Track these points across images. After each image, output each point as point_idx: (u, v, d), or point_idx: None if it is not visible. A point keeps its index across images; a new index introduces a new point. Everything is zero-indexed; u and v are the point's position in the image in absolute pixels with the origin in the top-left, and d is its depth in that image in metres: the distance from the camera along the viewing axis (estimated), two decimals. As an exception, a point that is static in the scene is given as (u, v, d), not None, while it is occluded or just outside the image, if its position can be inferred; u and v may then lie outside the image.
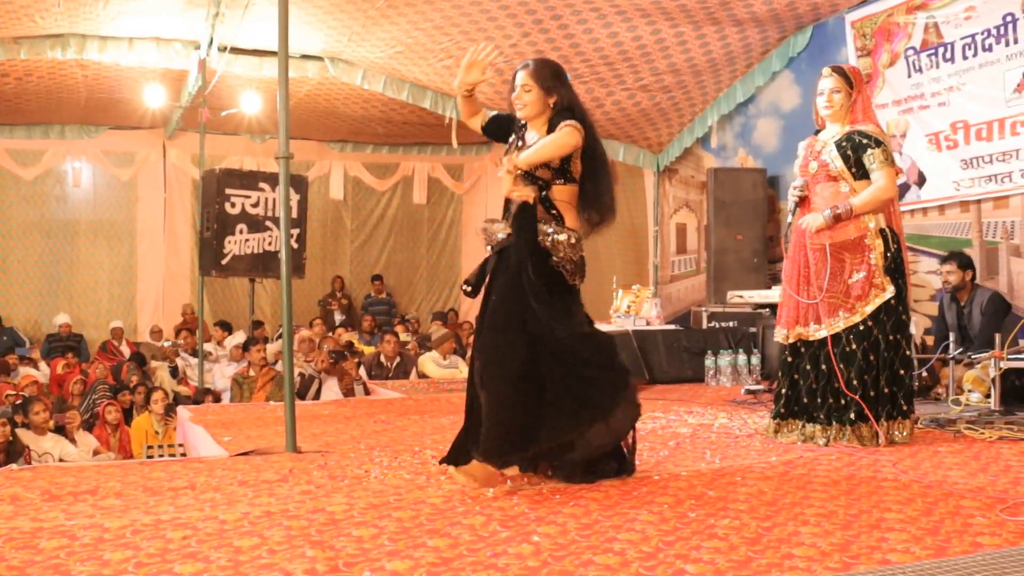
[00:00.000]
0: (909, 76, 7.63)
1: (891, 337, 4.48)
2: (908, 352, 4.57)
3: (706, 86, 9.71)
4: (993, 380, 5.48)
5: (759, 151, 9.70)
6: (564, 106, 3.81)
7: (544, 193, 3.75)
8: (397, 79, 10.05)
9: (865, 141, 4.48)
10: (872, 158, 4.46)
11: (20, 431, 7.31)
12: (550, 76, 3.85)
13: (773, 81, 9.29)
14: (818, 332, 4.58)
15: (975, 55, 7.08)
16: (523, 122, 3.94)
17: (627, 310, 8.59)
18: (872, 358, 4.47)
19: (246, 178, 9.96)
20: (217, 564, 2.60)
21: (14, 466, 6.35)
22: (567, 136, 3.68)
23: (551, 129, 3.76)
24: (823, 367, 4.56)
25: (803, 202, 4.73)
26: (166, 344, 12.13)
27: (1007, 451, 4.29)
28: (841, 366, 4.49)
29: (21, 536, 2.93)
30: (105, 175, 13.20)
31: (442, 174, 14.61)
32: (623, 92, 9.80)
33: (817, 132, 4.77)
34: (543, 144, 3.70)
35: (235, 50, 9.28)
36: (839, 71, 4.65)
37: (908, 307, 4.59)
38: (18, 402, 7.90)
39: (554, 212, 3.75)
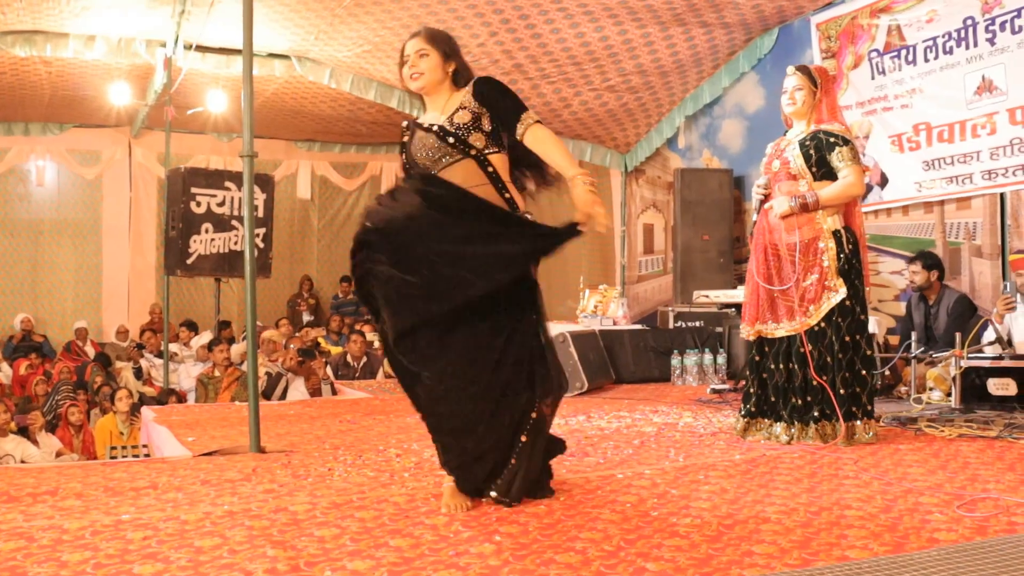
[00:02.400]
0: (872, 78, 7.71)
1: (847, 338, 4.51)
2: (869, 352, 4.61)
3: (673, 87, 9.76)
4: (953, 379, 5.54)
5: (724, 152, 9.76)
6: (465, 75, 3.41)
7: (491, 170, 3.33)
8: (364, 78, 10.01)
9: (832, 140, 4.52)
10: (840, 156, 4.50)
11: (-19, 432, 7.23)
12: (445, 40, 3.42)
13: (739, 82, 9.35)
14: (777, 331, 4.62)
15: (936, 58, 7.16)
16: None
17: (594, 310, 8.61)
18: (828, 359, 4.50)
19: (212, 177, 9.89)
20: (177, 564, 2.58)
21: (-26, 467, 6.28)
22: None
23: (482, 98, 3.32)
24: (786, 366, 4.60)
25: (766, 200, 4.77)
26: (132, 345, 12.03)
27: (966, 448, 4.34)
28: (796, 366, 4.54)
29: (-23, 538, 2.90)
30: (70, 174, 13.05)
31: (406, 175, 14.58)
32: (590, 92, 9.83)
33: (786, 132, 4.81)
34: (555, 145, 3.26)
35: (201, 48, 9.20)
36: (803, 70, 4.69)
37: (866, 307, 4.62)
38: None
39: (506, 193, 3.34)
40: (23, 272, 12.94)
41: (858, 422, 4.52)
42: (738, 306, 7.16)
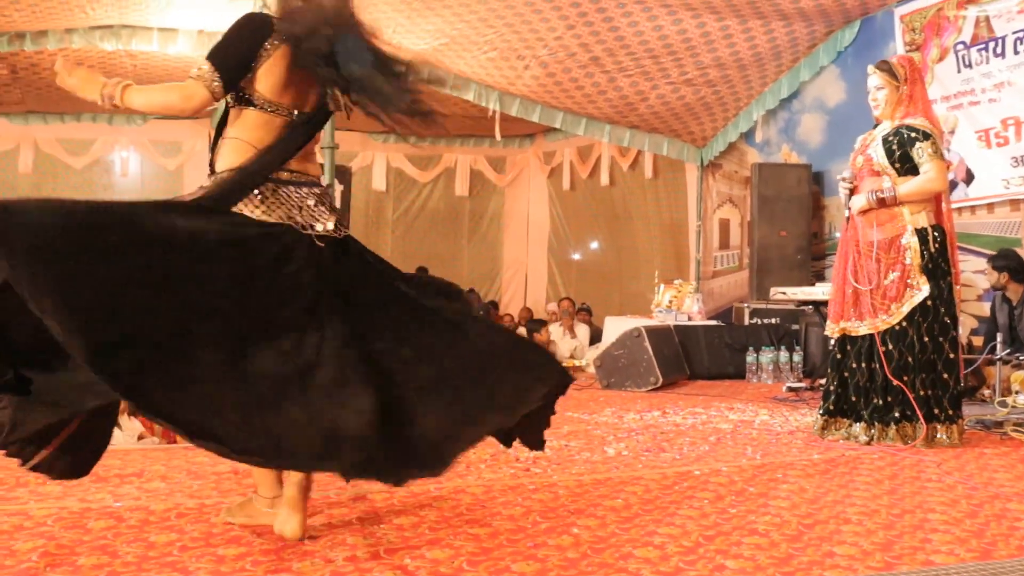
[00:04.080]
0: (959, 71, 7.52)
1: (926, 338, 4.41)
2: (952, 355, 4.49)
3: (751, 80, 9.63)
4: (1041, 381, 5.40)
5: (803, 147, 9.61)
6: None
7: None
8: (441, 71, 10.06)
9: (913, 135, 4.42)
10: (921, 151, 4.40)
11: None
12: None
13: (819, 76, 9.19)
14: (860, 329, 4.54)
15: (1027, 51, 6.97)
16: None
17: (669, 304, 8.56)
18: (909, 359, 4.41)
19: (291, 168, 10.02)
20: (260, 549, 2.63)
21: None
22: None
23: None
24: (868, 365, 4.52)
25: (853, 194, 4.69)
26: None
27: (1054, 453, 4.23)
28: (878, 365, 4.45)
29: (70, 516, 2.98)
30: (152, 164, 13.33)
31: (484, 166, 14.60)
32: (668, 86, 9.75)
33: (875, 126, 4.72)
34: None
35: (281, 41, 9.33)
36: (883, 66, 4.59)
37: (953, 308, 4.51)
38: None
39: None
40: (108, 260, 13.26)
41: (939, 424, 4.43)
42: (816, 303, 7.06)
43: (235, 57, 2.69)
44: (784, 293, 7.32)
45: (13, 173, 12.68)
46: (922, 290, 4.40)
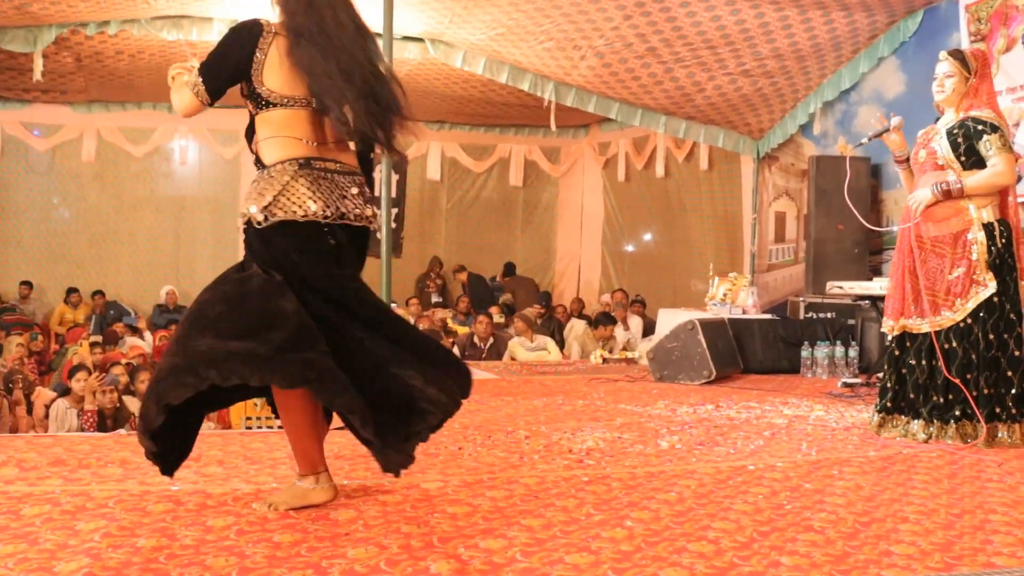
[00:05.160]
0: (1026, 63, 7.35)
1: (991, 336, 4.33)
2: (1017, 352, 4.39)
3: (810, 72, 9.50)
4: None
5: (860, 139, 9.44)
6: None
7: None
8: (497, 61, 10.06)
9: (980, 128, 4.33)
10: (988, 144, 4.31)
11: (127, 398, 7.57)
12: None
13: (878, 68, 9.03)
14: (922, 326, 4.47)
15: (1098, 42, 6.80)
16: None
17: (723, 298, 8.49)
18: (973, 356, 4.33)
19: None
20: (315, 535, 2.66)
21: (122, 431, 6.60)
22: None
23: None
24: (928, 362, 4.44)
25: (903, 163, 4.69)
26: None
27: (1120, 455, 4.13)
28: (938, 362, 4.38)
29: (131, 498, 3.05)
30: (210, 153, 13.50)
31: (539, 156, 14.58)
32: (724, 77, 9.65)
33: (936, 120, 4.64)
34: None
35: (339, 31, 9.40)
36: (956, 55, 4.50)
37: (1019, 305, 4.42)
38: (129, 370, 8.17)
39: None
40: (167, 246, 13.49)
41: (1001, 424, 4.34)
42: (873, 298, 6.96)
43: (221, 67, 2.95)
44: (841, 287, 7.23)
45: (77, 161, 12.94)
46: (988, 286, 4.32)
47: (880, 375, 5.07)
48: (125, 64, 10.74)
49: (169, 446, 2.86)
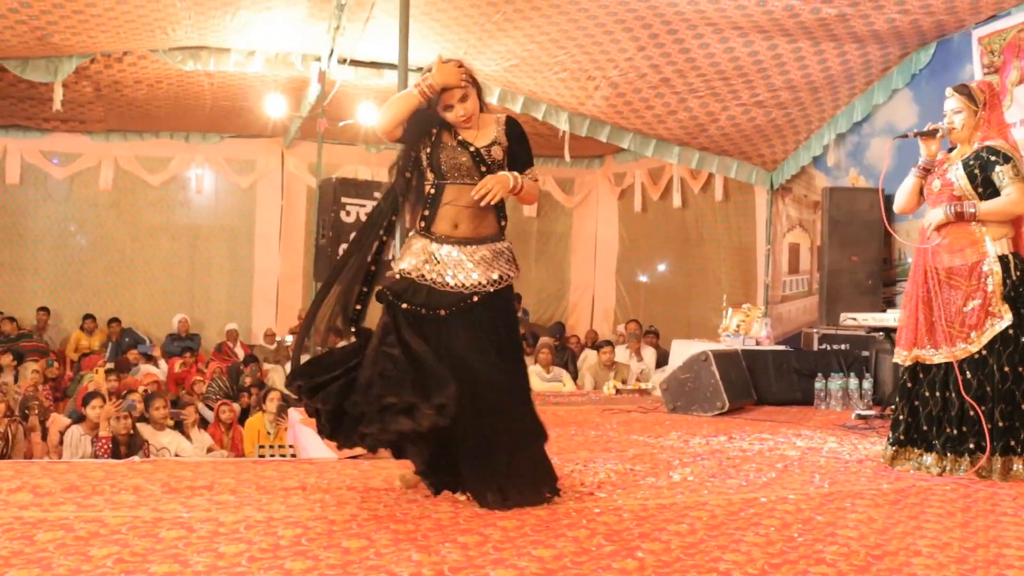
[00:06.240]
0: (1039, 95, 7.36)
1: (1007, 368, 4.31)
2: (1032, 385, 4.37)
3: (823, 103, 9.53)
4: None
5: (872, 171, 9.44)
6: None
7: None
8: (511, 91, 10.13)
9: (993, 158, 4.34)
10: (1002, 174, 4.32)
11: (140, 425, 7.60)
12: (471, 74, 3.79)
13: (891, 99, 9.05)
14: (935, 357, 4.45)
15: (1111, 75, 6.80)
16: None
17: (736, 329, 8.48)
18: (988, 389, 4.31)
19: (361, 187, 10.15)
20: (327, 563, 2.67)
21: (136, 458, 6.62)
22: None
23: (511, 139, 3.80)
24: (942, 394, 4.42)
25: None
26: (285, 340, 12.44)
27: None
28: (953, 394, 4.35)
29: (143, 525, 3.06)
30: (226, 182, 13.61)
31: (552, 187, 14.61)
32: (738, 108, 9.69)
33: (950, 151, 4.65)
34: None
35: (354, 62, 9.50)
36: (961, 89, 4.52)
37: None
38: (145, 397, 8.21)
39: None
40: (182, 274, 13.56)
41: (1016, 457, 4.31)
42: (887, 330, 6.93)
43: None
44: (855, 319, 7.21)
45: (94, 189, 13.07)
46: (1004, 318, 4.30)
47: (893, 407, 5.05)
48: (143, 93, 10.87)
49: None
